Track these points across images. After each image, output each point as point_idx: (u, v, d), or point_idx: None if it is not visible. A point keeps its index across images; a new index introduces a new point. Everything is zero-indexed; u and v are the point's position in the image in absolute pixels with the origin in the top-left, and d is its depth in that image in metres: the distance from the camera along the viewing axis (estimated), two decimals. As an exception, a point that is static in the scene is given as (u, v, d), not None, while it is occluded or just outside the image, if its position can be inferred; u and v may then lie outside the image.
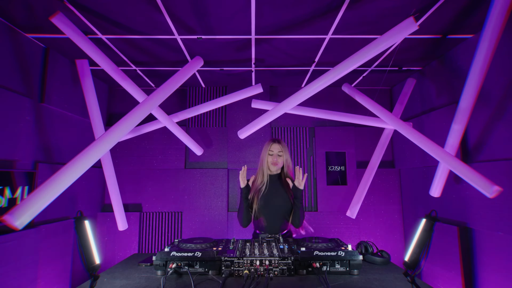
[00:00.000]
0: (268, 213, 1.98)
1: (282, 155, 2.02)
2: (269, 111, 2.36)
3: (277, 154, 2.01)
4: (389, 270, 1.59)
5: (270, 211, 1.98)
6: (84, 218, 1.39)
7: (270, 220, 1.98)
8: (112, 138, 1.79)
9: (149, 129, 2.92)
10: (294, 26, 2.14)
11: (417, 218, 3.03)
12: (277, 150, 2.02)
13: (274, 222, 1.98)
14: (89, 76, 2.60)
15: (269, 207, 1.98)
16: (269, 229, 1.98)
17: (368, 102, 2.66)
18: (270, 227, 1.98)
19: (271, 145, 2.04)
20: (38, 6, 1.90)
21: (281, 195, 2.00)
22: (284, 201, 1.99)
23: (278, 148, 2.02)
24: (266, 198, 1.99)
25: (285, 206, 1.99)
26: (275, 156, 2.01)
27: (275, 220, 1.99)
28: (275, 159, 2.01)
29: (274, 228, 1.98)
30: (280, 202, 1.99)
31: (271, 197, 1.99)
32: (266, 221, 1.98)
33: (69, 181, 1.57)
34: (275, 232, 1.96)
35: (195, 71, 2.77)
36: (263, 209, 1.98)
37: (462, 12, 1.98)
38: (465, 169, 1.91)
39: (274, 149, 2.02)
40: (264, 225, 1.98)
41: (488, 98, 2.12)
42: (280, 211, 1.99)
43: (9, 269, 1.97)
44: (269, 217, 1.98)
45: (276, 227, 1.98)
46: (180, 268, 1.47)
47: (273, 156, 2.01)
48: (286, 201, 1.99)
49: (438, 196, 2.38)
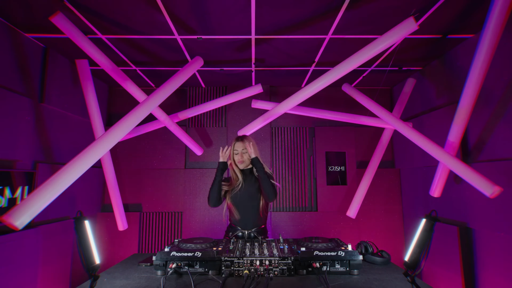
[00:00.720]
0: (242, 206, 2.01)
1: (247, 152, 2.04)
2: (269, 111, 2.36)
3: (241, 152, 2.05)
4: (389, 270, 1.59)
5: (244, 204, 2.01)
6: (84, 218, 1.39)
7: (244, 213, 2.00)
8: (112, 138, 1.79)
9: (149, 129, 2.92)
10: (294, 26, 2.14)
11: (417, 218, 3.03)
12: (241, 148, 2.05)
13: (248, 215, 2.00)
14: (89, 76, 2.59)
15: (243, 200, 2.01)
16: (243, 222, 2.00)
17: (368, 102, 2.66)
18: (244, 220, 2.00)
19: (234, 143, 2.08)
20: (38, 6, 1.90)
21: (252, 187, 2.03)
22: (257, 192, 2.02)
23: (241, 146, 2.05)
24: (240, 192, 2.02)
25: (258, 197, 2.02)
26: (240, 154, 2.05)
27: (249, 213, 2.01)
28: (239, 158, 2.04)
29: (248, 221, 2.00)
30: (253, 194, 2.01)
31: (244, 191, 2.02)
32: (240, 214, 2.00)
33: (69, 181, 1.57)
34: (250, 226, 1.99)
35: (195, 71, 2.76)
36: (238, 203, 2.01)
37: (462, 12, 1.98)
38: (465, 169, 1.91)
39: (238, 148, 2.06)
40: (238, 219, 2.01)
41: (488, 98, 2.12)
42: (253, 203, 2.01)
43: (9, 269, 1.97)
44: (243, 210, 2.01)
45: (250, 220, 2.00)
46: (180, 268, 1.47)
47: (238, 155, 2.05)
48: (258, 190, 2.02)
49: (438, 196, 2.38)
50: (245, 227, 1.99)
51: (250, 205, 2.01)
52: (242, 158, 2.04)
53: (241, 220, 2.00)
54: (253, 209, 2.01)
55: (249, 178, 2.07)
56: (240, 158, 2.04)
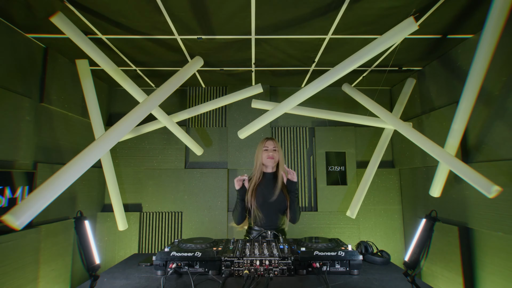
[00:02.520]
0: (266, 210, 2.02)
1: (277, 150, 2.08)
2: (269, 111, 2.36)
3: (272, 149, 2.07)
4: (389, 270, 1.59)
5: (267, 208, 2.02)
6: (84, 218, 1.39)
7: (267, 216, 2.02)
8: (112, 138, 1.79)
9: (149, 129, 2.92)
10: (294, 26, 2.14)
11: (417, 218, 3.03)
12: (272, 146, 2.07)
13: (271, 218, 2.03)
14: (89, 76, 2.60)
15: (266, 204, 2.02)
16: (266, 225, 2.02)
17: (368, 102, 2.66)
18: (267, 223, 2.02)
19: (265, 142, 2.10)
20: (38, 6, 1.90)
21: (277, 192, 2.04)
22: (280, 198, 2.03)
23: (273, 144, 2.08)
24: (263, 195, 2.03)
25: (281, 202, 2.04)
26: (270, 151, 2.06)
27: (272, 216, 2.03)
28: (270, 154, 2.05)
29: (271, 224, 2.03)
30: (276, 199, 2.03)
31: (268, 194, 2.03)
32: (263, 217, 2.01)
33: (69, 181, 1.57)
34: (270, 228, 2.01)
35: (195, 71, 2.77)
36: (260, 206, 2.02)
37: (462, 12, 1.98)
38: (465, 169, 1.91)
39: (269, 145, 2.08)
40: (261, 222, 2.02)
41: (488, 98, 2.12)
42: (276, 207, 2.03)
43: (10, 269, 1.97)
44: (266, 213, 2.02)
45: (272, 223, 2.03)
46: (180, 268, 1.47)
47: (269, 151, 2.06)
48: (282, 197, 2.04)
49: (438, 196, 2.39)
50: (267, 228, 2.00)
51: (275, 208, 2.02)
52: (273, 154, 2.04)
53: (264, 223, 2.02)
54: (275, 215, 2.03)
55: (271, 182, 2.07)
56: (270, 154, 2.04)
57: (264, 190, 2.05)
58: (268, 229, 1.99)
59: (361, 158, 3.51)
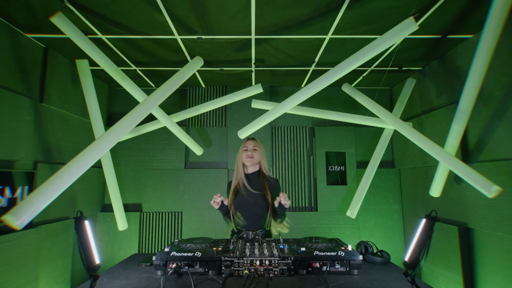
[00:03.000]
0: (247, 212, 1.99)
1: (257, 149, 2.06)
2: (269, 111, 2.35)
3: (252, 149, 2.05)
4: (389, 270, 1.59)
5: (248, 210, 1.99)
6: (84, 218, 1.39)
7: (248, 217, 1.99)
8: (112, 138, 1.79)
9: (149, 129, 2.92)
10: (294, 26, 2.14)
11: (417, 218, 3.03)
12: (252, 145, 2.06)
13: (252, 220, 1.99)
14: (89, 76, 2.60)
15: (247, 206, 1.99)
16: (248, 226, 1.99)
17: (368, 102, 2.66)
18: (248, 224, 1.99)
19: (245, 142, 2.10)
20: (38, 6, 1.90)
21: (259, 193, 2.00)
22: (261, 199, 1.99)
23: (253, 143, 2.07)
24: (244, 197, 2.00)
25: (262, 204, 2.00)
26: (250, 150, 2.05)
27: (253, 218, 2.00)
28: (249, 153, 2.04)
29: (252, 225, 1.99)
30: (257, 201, 1.99)
31: (248, 196, 2.00)
32: (244, 219, 1.99)
33: (69, 181, 1.57)
34: (254, 229, 1.98)
35: (195, 71, 2.77)
36: (241, 208, 2.00)
37: (462, 12, 1.98)
38: (465, 169, 1.91)
39: (248, 145, 2.07)
40: (242, 224, 2.00)
41: (488, 98, 2.12)
42: (257, 208, 2.00)
43: (10, 269, 1.97)
44: (248, 215, 1.99)
45: (254, 224, 2.00)
46: (180, 268, 1.47)
47: (248, 151, 2.05)
48: (264, 199, 1.99)
49: (438, 196, 2.39)
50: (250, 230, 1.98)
51: (255, 211, 1.99)
52: (252, 153, 2.03)
53: (246, 225, 1.99)
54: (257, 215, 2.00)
55: (253, 183, 2.04)
56: (249, 153, 2.03)
57: (245, 191, 2.01)
58: (251, 230, 1.96)
59: (361, 158, 3.51)
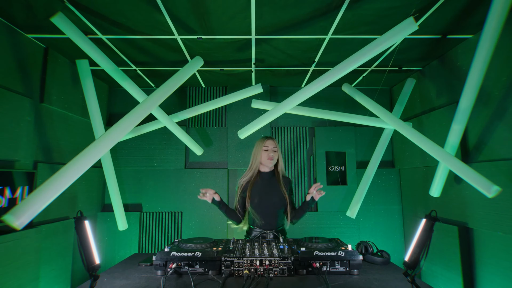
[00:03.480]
0: (263, 210, 1.98)
1: (277, 151, 2.04)
2: (269, 111, 2.35)
3: (272, 150, 2.02)
4: (389, 270, 1.59)
5: (265, 209, 1.98)
6: (84, 218, 1.39)
7: (265, 217, 1.98)
8: (112, 138, 1.79)
9: (149, 129, 2.92)
10: (294, 26, 2.14)
11: (417, 218, 3.03)
12: (272, 146, 2.02)
13: (269, 219, 1.99)
14: (89, 76, 2.60)
15: (264, 205, 1.98)
16: (265, 225, 1.99)
17: (368, 102, 2.66)
18: (265, 223, 1.99)
19: (265, 141, 2.04)
20: (38, 6, 1.90)
21: (275, 193, 2.00)
22: (278, 199, 1.99)
23: (273, 144, 2.03)
24: (261, 196, 1.99)
25: (279, 203, 1.99)
26: (271, 151, 2.01)
27: (269, 217, 1.99)
28: (271, 154, 2.00)
29: (269, 224, 1.99)
30: (274, 200, 1.99)
31: (265, 195, 1.99)
32: (261, 218, 1.98)
33: (69, 181, 1.57)
34: (270, 228, 1.98)
35: (195, 71, 2.76)
36: (258, 207, 1.98)
37: (462, 12, 1.98)
38: (465, 169, 1.91)
39: (269, 145, 2.03)
40: (259, 222, 1.99)
41: (488, 98, 2.12)
42: (275, 208, 1.99)
43: (10, 268, 1.97)
44: (265, 214, 1.99)
45: (271, 223, 1.99)
46: (180, 268, 1.47)
47: (269, 151, 2.01)
48: (281, 198, 1.99)
49: (438, 196, 2.39)
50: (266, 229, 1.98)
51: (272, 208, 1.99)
52: (273, 155, 2.00)
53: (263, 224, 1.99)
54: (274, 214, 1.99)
55: (269, 182, 2.03)
56: (271, 154, 1.99)
57: (261, 190, 2.00)
58: (267, 229, 1.97)
59: (361, 158, 3.51)
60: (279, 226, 2.04)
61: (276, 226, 2.01)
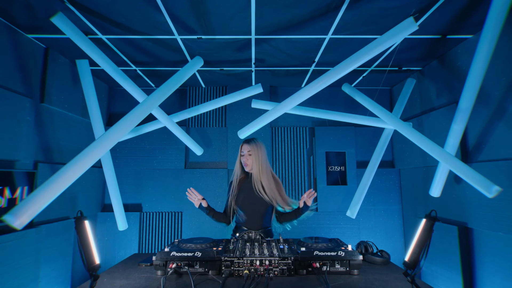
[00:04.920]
0: (247, 209, 1.99)
1: (253, 154, 1.97)
2: (269, 111, 2.35)
3: (247, 154, 1.99)
4: (389, 270, 1.59)
5: (248, 207, 1.99)
6: (84, 218, 1.39)
7: (249, 216, 1.99)
8: (112, 138, 1.79)
9: (149, 129, 2.92)
10: (294, 26, 2.14)
11: (417, 218, 3.03)
12: (246, 150, 1.99)
13: (253, 218, 1.99)
14: (89, 76, 2.60)
15: (247, 205, 1.99)
16: (250, 225, 1.99)
17: (368, 102, 2.66)
18: (250, 222, 1.99)
19: (241, 146, 2.04)
20: (39, 6, 1.90)
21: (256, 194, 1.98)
22: (258, 200, 1.97)
23: (247, 148, 1.99)
24: (244, 194, 2.00)
25: (262, 205, 1.98)
26: (245, 156, 2.00)
27: (254, 216, 1.99)
28: (244, 160, 2.00)
29: (255, 224, 1.99)
30: (255, 200, 1.98)
31: (248, 196, 1.99)
32: (245, 216, 1.99)
33: (69, 181, 1.57)
34: (256, 228, 1.97)
35: (195, 71, 2.76)
36: (242, 205, 2.00)
37: (462, 12, 1.98)
38: (465, 169, 1.91)
39: (244, 150, 2.01)
40: (244, 221, 2.00)
41: (488, 98, 2.12)
42: (259, 209, 1.99)
43: (10, 268, 1.97)
44: (249, 213, 1.99)
45: (257, 223, 1.99)
46: (180, 268, 1.47)
47: (244, 157, 2.01)
48: (261, 201, 1.97)
49: (438, 196, 2.38)
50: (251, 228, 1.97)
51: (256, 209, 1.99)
52: (246, 160, 1.99)
53: (247, 223, 1.99)
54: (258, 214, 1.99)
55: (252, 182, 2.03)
56: (244, 160, 2.00)
57: (247, 188, 2.01)
58: (253, 229, 1.95)
59: (361, 158, 3.51)
60: (266, 227, 2.02)
61: (263, 227, 2.00)
